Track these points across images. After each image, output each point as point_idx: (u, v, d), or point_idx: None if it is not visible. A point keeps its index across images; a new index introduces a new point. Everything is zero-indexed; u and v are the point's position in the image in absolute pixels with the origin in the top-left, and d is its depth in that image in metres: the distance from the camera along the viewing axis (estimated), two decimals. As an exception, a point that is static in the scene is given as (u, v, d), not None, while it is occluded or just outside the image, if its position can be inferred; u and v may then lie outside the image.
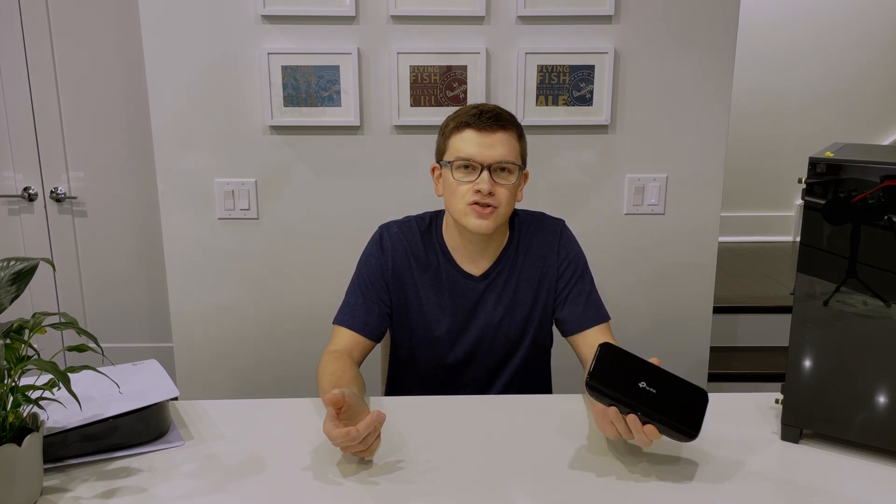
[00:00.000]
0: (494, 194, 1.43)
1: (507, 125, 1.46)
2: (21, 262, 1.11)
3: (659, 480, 1.17)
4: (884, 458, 1.23)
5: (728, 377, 2.70)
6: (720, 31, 2.15)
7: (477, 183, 1.43)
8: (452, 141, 1.47)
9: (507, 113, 1.49)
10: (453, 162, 1.45)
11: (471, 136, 1.44)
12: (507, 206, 1.47)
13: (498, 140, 1.44)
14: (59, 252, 2.84)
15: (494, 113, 1.46)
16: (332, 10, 2.11)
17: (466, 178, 1.45)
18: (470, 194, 1.44)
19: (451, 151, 1.47)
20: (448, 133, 1.49)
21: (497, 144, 1.44)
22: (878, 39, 3.93)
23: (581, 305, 1.55)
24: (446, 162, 1.47)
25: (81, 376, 1.12)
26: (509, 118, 1.48)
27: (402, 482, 1.17)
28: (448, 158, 1.47)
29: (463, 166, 1.45)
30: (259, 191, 2.24)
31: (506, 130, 1.45)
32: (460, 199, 1.45)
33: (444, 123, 1.51)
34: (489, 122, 1.44)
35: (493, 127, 1.44)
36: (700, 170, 2.25)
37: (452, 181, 1.46)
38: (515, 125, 1.49)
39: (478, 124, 1.44)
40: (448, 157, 1.47)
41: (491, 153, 1.43)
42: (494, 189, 1.43)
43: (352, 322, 1.54)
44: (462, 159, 1.44)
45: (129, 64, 2.67)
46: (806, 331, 1.24)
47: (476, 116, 1.45)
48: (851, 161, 1.16)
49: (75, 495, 1.12)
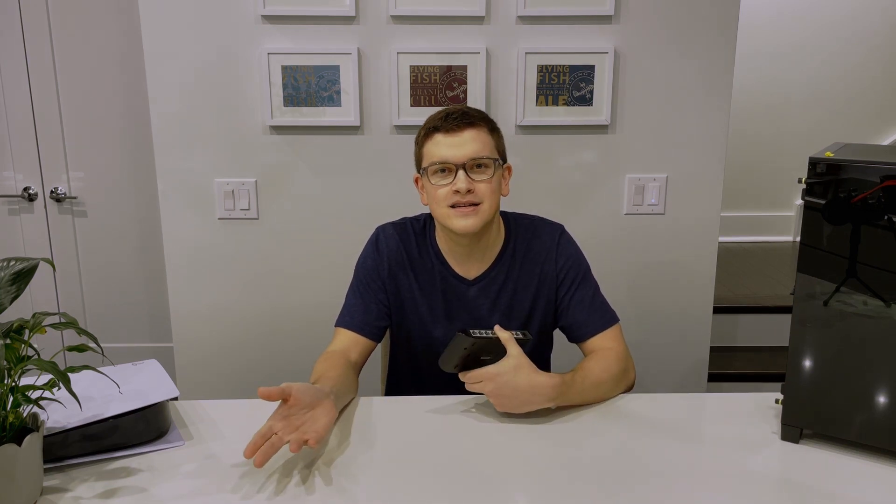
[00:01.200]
0: (474, 191, 1.43)
1: (476, 121, 1.46)
2: (21, 262, 1.11)
3: (659, 480, 1.17)
4: (884, 458, 1.23)
5: (728, 377, 2.70)
6: (720, 31, 2.15)
7: (454, 183, 1.43)
8: (426, 148, 1.48)
9: (474, 110, 1.49)
10: (428, 168, 1.46)
11: (440, 138, 1.45)
12: (491, 202, 1.46)
13: (468, 137, 1.44)
14: (59, 252, 2.84)
15: (461, 112, 1.46)
16: (332, 10, 2.11)
17: (444, 181, 1.45)
18: (450, 196, 1.44)
19: (426, 158, 1.48)
20: (420, 142, 1.50)
21: (468, 142, 1.44)
22: (878, 39, 3.93)
23: (585, 312, 1.54)
24: (423, 169, 1.49)
25: (81, 376, 1.12)
26: (477, 114, 1.48)
27: (401, 482, 1.17)
28: (424, 165, 1.48)
29: (439, 170, 1.45)
30: (259, 191, 2.24)
31: (474, 126, 1.45)
32: (442, 202, 1.45)
33: (417, 134, 1.52)
34: (456, 122, 1.44)
35: (461, 126, 1.44)
36: (700, 170, 2.25)
37: (431, 187, 1.46)
38: (485, 120, 1.49)
39: (445, 126, 1.45)
40: (424, 164, 1.48)
41: (463, 151, 1.43)
42: (473, 186, 1.43)
43: (351, 322, 1.54)
44: (436, 163, 1.45)
45: (129, 64, 2.67)
46: (806, 331, 1.24)
47: (443, 119, 1.45)
48: (851, 161, 1.16)
49: (75, 495, 1.12)
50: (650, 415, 1.40)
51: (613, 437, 1.31)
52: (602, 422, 1.37)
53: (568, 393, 1.36)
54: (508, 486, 1.16)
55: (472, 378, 1.32)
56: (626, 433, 1.32)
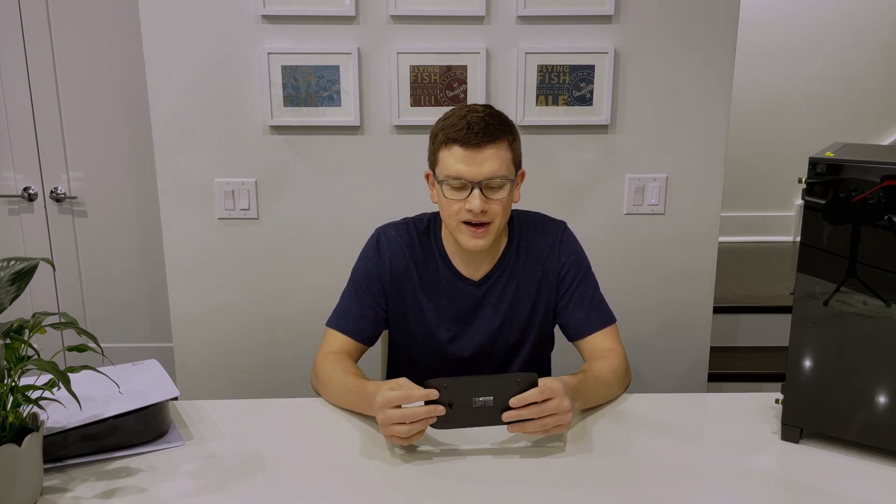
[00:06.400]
0: (487, 211, 1.41)
1: (497, 137, 1.40)
2: (21, 262, 1.11)
3: (659, 480, 1.17)
4: (884, 458, 1.23)
5: (728, 377, 2.70)
6: (720, 32, 2.15)
7: (468, 201, 1.39)
8: (442, 156, 1.42)
9: (496, 119, 1.42)
10: (443, 181, 1.42)
11: (459, 153, 1.39)
12: (502, 219, 1.44)
13: (487, 156, 1.39)
14: (59, 252, 2.84)
15: (483, 125, 1.39)
16: (332, 10, 2.11)
17: (458, 197, 1.41)
18: (463, 213, 1.41)
19: (441, 168, 1.43)
20: (437, 144, 1.44)
21: (487, 160, 1.39)
22: (878, 39, 3.92)
23: (584, 310, 1.54)
24: (437, 179, 1.45)
25: (81, 376, 1.12)
26: (499, 126, 1.41)
27: (402, 482, 1.17)
28: (439, 175, 1.44)
29: (454, 184, 1.41)
30: (259, 191, 2.24)
31: (495, 143, 1.40)
32: (454, 216, 1.43)
33: (434, 131, 1.46)
34: (478, 138, 1.38)
35: (482, 143, 1.38)
36: (700, 170, 2.25)
37: (444, 199, 1.43)
38: (506, 132, 1.43)
39: (466, 140, 1.38)
40: (439, 174, 1.44)
41: (481, 170, 1.39)
42: (487, 207, 1.40)
43: (345, 326, 1.53)
44: (452, 178, 1.40)
45: (129, 64, 2.67)
46: (806, 331, 1.24)
47: (464, 132, 1.38)
48: (851, 161, 1.16)
49: (75, 495, 1.12)
50: (650, 415, 1.40)
51: (613, 437, 1.31)
52: (602, 422, 1.37)
53: (585, 394, 1.36)
54: (509, 485, 1.16)
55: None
56: (626, 433, 1.32)
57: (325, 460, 1.23)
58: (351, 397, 1.39)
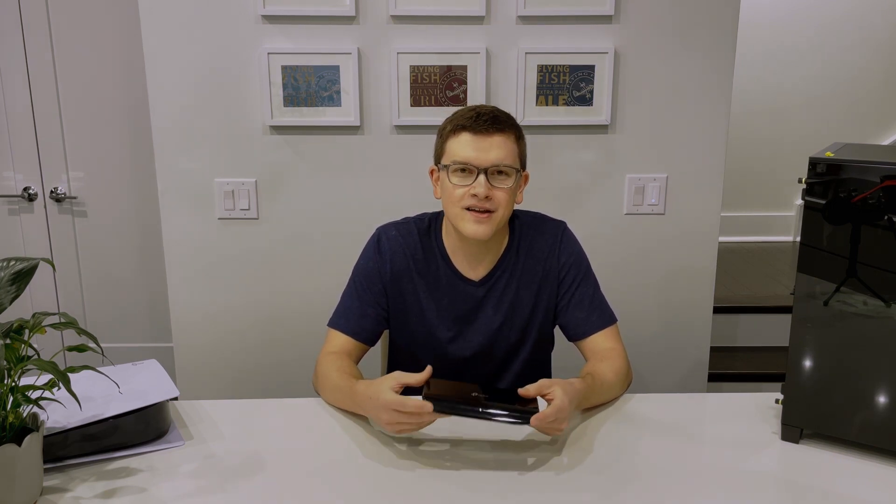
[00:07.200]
0: (491, 198, 1.42)
1: (505, 127, 1.45)
2: (21, 262, 1.11)
3: (659, 480, 1.17)
4: (884, 458, 1.23)
5: (728, 377, 2.70)
6: (720, 31, 2.15)
7: (473, 187, 1.41)
8: (449, 144, 1.46)
9: (504, 115, 1.47)
10: (450, 165, 1.44)
11: (467, 139, 1.43)
12: (506, 210, 1.46)
13: (495, 143, 1.42)
14: (59, 252, 2.84)
15: (492, 115, 1.44)
16: (332, 10, 2.11)
17: (463, 182, 1.43)
18: (467, 198, 1.42)
19: (448, 154, 1.46)
20: (445, 136, 1.47)
21: (494, 147, 1.42)
22: (878, 40, 3.92)
23: (584, 310, 1.54)
24: (443, 165, 1.47)
25: (81, 376, 1.12)
26: (507, 120, 1.46)
27: (402, 481, 1.17)
28: (445, 162, 1.46)
29: (459, 170, 1.43)
30: (259, 191, 2.24)
31: (503, 133, 1.44)
32: (457, 202, 1.44)
33: (442, 126, 1.50)
34: (486, 125, 1.42)
35: (491, 130, 1.42)
36: (700, 170, 2.25)
37: (449, 185, 1.45)
38: (513, 127, 1.47)
39: (474, 127, 1.42)
40: (445, 161, 1.46)
41: (488, 156, 1.42)
42: (491, 193, 1.42)
43: (346, 326, 1.53)
44: (458, 163, 1.43)
45: (129, 64, 2.67)
46: (806, 331, 1.24)
47: (473, 119, 1.43)
48: (851, 161, 1.16)
49: (75, 495, 1.12)
50: (650, 415, 1.40)
51: (614, 437, 1.31)
52: (602, 422, 1.37)
53: (591, 397, 1.37)
54: (508, 485, 1.16)
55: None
56: (626, 433, 1.32)
57: (325, 460, 1.23)
58: (340, 396, 1.40)
